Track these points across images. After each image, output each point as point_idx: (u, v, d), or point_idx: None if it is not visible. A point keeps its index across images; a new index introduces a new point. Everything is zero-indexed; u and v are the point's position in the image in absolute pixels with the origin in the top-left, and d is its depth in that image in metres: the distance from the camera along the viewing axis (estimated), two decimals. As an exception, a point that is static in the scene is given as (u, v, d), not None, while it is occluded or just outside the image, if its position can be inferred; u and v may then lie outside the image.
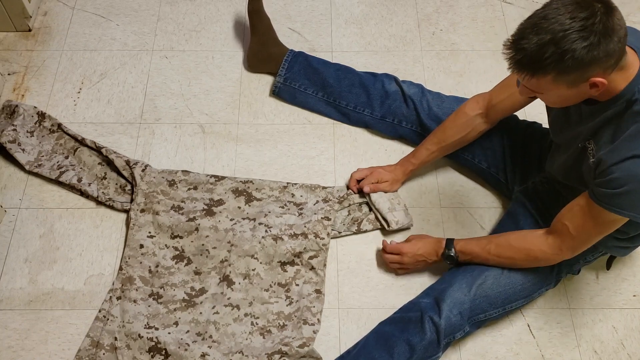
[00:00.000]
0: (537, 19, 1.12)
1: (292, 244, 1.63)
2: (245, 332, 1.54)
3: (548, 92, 1.20)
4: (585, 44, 1.09)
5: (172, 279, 1.60)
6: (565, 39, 1.09)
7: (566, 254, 1.40)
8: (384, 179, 1.71)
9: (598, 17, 1.09)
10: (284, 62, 1.89)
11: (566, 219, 1.35)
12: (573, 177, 1.40)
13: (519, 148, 1.66)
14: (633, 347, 1.58)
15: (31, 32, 2.05)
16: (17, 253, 1.66)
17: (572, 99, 1.22)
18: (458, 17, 2.14)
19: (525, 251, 1.44)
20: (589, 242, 1.36)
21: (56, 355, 1.53)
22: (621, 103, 1.20)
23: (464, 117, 1.62)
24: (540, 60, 1.11)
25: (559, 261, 1.44)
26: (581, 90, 1.17)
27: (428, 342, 1.45)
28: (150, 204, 1.68)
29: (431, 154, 1.69)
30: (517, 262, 1.47)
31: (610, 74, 1.15)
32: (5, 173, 1.78)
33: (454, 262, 1.54)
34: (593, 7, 1.09)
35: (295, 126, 1.90)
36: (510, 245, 1.46)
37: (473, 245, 1.51)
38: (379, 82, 1.84)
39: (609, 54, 1.11)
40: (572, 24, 1.09)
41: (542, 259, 1.43)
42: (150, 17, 2.10)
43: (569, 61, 1.10)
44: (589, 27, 1.08)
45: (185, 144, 1.85)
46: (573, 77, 1.14)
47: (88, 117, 1.89)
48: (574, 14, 1.09)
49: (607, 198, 1.23)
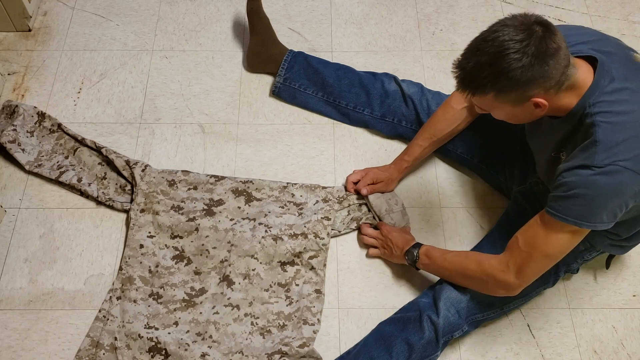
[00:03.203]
0: (478, 41, 1.18)
1: (292, 244, 1.63)
2: (245, 332, 1.54)
3: (494, 110, 1.26)
4: (519, 64, 1.13)
5: (172, 279, 1.60)
6: (500, 60, 1.14)
7: (511, 274, 1.33)
8: (379, 179, 1.72)
9: (533, 40, 1.13)
10: (284, 62, 1.89)
11: (519, 232, 1.34)
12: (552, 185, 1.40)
13: (517, 149, 1.66)
14: (633, 347, 1.58)
15: (31, 32, 2.05)
16: (17, 253, 1.66)
17: (522, 117, 1.26)
18: (458, 17, 2.14)
19: (477, 261, 1.41)
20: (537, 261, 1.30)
21: (56, 355, 1.53)
22: (575, 119, 1.24)
23: (451, 111, 1.64)
24: (478, 79, 1.17)
25: (506, 288, 1.36)
26: (527, 109, 1.21)
27: (426, 341, 1.45)
28: (150, 204, 1.68)
29: (423, 149, 1.70)
30: (468, 272, 1.42)
31: (555, 93, 1.19)
32: (5, 173, 1.78)
33: (411, 261, 1.55)
34: (531, 30, 1.13)
35: (295, 126, 1.90)
36: (466, 255, 1.46)
37: (435, 250, 1.52)
38: (379, 81, 1.84)
39: (545, 75, 1.15)
40: (508, 45, 1.13)
41: (490, 274, 1.36)
42: (150, 17, 2.10)
43: (504, 81, 1.15)
44: (522, 49, 1.13)
45: (185, 144, 1.85)
46: (513, 97, 1.18)
47: (88, 117, 1.89)
48: (511, 35, 1.13)
49: (555, 202, 1.24)
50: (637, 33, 2.11)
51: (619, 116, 1.20)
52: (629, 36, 2.08)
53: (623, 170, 1.17)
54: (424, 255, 1.52)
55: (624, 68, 1.24)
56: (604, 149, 1.18)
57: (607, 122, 1.19)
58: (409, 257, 1.55)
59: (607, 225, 1.24)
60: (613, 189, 1.18)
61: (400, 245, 1.59)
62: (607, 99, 1.20)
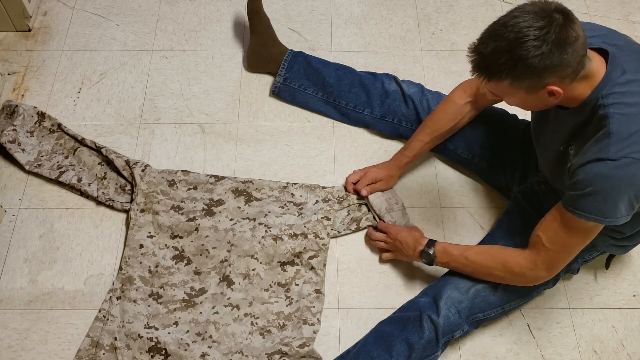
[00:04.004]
0: (497, 25, 1.17)
1: (292, 244, 1.63)
2: (245, 332, 1.54)
3: (508, 96, 1.25)
4: (538, 52, 1.12)
5: (172, 279, 1.60)
6: (519, 47, 1.13)
7: (542, 270, 1.37)
8: (378, 178, 1.71)
9: (553, 27, 1.12)
10: (284, 62, 1.89)
11: (540, 230, 1.35)
12: (558, 181, 1.40)
13: (518, 148, 1.66)
14: (633, 347, 1.58)
15: (31, 32, 2.05)
16: (17, 253, 1.66)
17: (534, 105, 1.26)
18: (458, 17, 2.14)
19: (502, 262, 1.42)
20: (565, 255, 1.34)
21: (56, 355, 1.53)
22: (588, 110, 1.23)
23: (453, 106, 1.63)
24: (495, 65, 1.16)
25: (537, 281, 1.40)
26: (540, 97, 1.21)
27: (427, 341, 1.45)
28: (150, 204, 1.68)
29: (424, 145, 1.68)
30: (494, 272, 1.44)
31: (569, 83, 1.19)
32: (5, 173, 1.78)
33: (428, 261, 1.53)
34: (551, 17, 1.13)
35: (295, 126, 1.90)
36: (489, 254, 1.45)
37: (453, 248, 1.51)
38: (379, 81, 1.84)
39: (563, 64, 1.14)
40: (528, 32, 1.12)
41: (519, 273, 1.40)
42: (150, 17, 2.10)
43: (522, 68, 1.14)
44: (542, 37, 1.12)
45: (185, 144, 1.85)
46: (528, 84, 1.18)
47: (88, 117, 1.89)
48: (531, 22, 1.12)
49: (573, 201, 1.24)
50: (637, 33, 2.11)
51: (631, 107, 1.19)
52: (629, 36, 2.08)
53: (637, 162, 1.17)
54: (442, 254, 1.51)
55: (634, 60, 1.24)
56: (618, 140, 1.17)
57: (620, 114, 1.19)
58: (426, 258, 1.53)
59: (626, 218, 1.24)
60: (628, 181, 1.18)
61: (411, 245, 1.57)
62: (619, 90, 1.20)
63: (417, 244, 1.56)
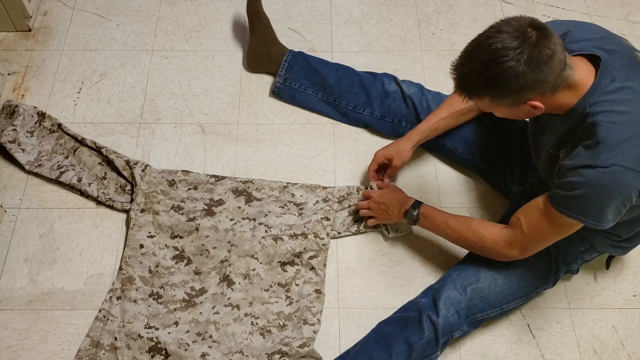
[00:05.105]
0: (473, 46, 1.18)
1: (292, 244, 1.63)
2: (246, 332, 1.54)
3: (493, 111, 1.28)
4: (512, 73, 1.14)
5: (172, 279, 1.60)
6: (493, 68, 1.15)
7: (515, 250, 1.41)
8: (387, 156, 1.69)
9: (527, 47, 1.13)
10: (284, 62, 1.89)
11: (522, 214, 1.38)
12: (551, 181, 1.41)
13: (517, 148, 1.66)
14: (633, 347, 1.58)
15: (31, 32, 2.05)
16: (17, 253, 1.66)
17: (521, 116, 1.28)
18: (458, 17, 2.14)
19: (479, 236, 1.46)
20: (540, 242, 1.38)
21: (56, 355, 1.53)
22: (575, 117, 1.24)
23: None
24: (473, 85, 1.19)
25: (508, 259, 1.44)
26: (524, 110, 1.23)
27: (426, 341, 1.45)
28: (150, 204, 1.68)
29: (440, 120, 1.66)
30: (470, 244, 1.50)
31: (552, 94, 1.20)
32: (5, 173, 1.78)
33: (412, 221, 1.57)
34: (524, 36, 1.14)
35: (295, 126, 1.90)
36: (469, 226, 1.48)
37: (436, 214, 1.54)
38: (379, 81, 1.84)
39: (539, 81, 1.16)
40: (501, 53, 1.13)
41: (492, 249, 1.44)
42: (150, 17, 2.10)
43: (498, 88, 1.16)
44: (515, 58, 1.13)
45: (185, 144, 1.85)
46: (509, 101, 1.20)
47: (88, 117, 1.89)
48: (504, 43, 1.14)
49: (560, 199, 1.27)
50: (637, 33, 2.11)
51: (620, 115, 1.20)
52: (629, 36, 2.08)
53: (625, 170, 1.18)
54: (425, 217, 1.55)
55: (626, 67, 1.24)
56: (607, 149, 1.18)
57: (609, 122, 1.20)
58: (409, 217, 1.57)
59: (612, 223, 1.26)
60: (616, 189, 1.20)
61: (396, 205, 1.59)
62: (608, 99, 1.21)
63: (402, 204, 1.58)
